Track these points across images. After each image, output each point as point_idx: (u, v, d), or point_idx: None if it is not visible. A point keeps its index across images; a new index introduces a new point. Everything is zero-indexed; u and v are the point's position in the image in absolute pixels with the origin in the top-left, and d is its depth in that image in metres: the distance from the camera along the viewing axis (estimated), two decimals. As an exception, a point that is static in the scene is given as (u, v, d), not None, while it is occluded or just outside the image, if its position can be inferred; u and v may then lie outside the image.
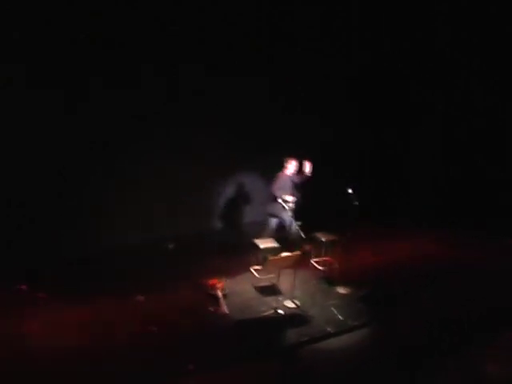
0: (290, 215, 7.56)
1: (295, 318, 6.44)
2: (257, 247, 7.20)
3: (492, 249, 8.71)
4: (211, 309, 6.44)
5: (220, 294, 6.59)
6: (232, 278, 7.19)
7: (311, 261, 7.72)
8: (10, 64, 6.72)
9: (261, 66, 8.97)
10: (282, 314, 6.46)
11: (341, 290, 7.23)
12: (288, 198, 7.49)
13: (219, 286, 6.70)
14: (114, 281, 7.01)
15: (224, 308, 6.41)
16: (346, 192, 7.37)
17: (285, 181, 7.61)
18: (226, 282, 6.85)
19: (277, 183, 7.56)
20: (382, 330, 6.42)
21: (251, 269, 7.36)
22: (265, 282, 7.09)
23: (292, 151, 7.78)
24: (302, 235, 7.11)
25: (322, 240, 7.56)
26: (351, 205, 7.27)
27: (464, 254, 8.46)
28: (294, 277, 6.65)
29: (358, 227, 7.74)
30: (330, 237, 7.61)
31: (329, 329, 6.22)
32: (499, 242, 8.92)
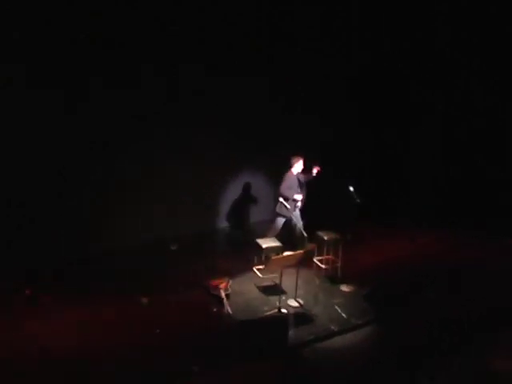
0: (299, 214, 7.60)
1: (299, 317, 6.44)
2: (259, 247, 7.20)
3: (492, 249, 8.70)
4: (214, 309, 6.44)
5: (223, 294, 6.59)
6: (235, 278, 7.18)
7: (314, 259, 7.72)
8: (9, 64, 6.72)
9: (261, 66, 8.96)
10: (285, 314, 6.46)
11: (344, 288, 7.24)
12: (298, 198, 7.51)
13: (222, 286, 6.69)
14: (114, 281, 7.01)
15: (227, 308, 6.41)
16: (347, 190, 7.37)
17: (293, 180, 7.60)
18: (228, 282, 6.84)
19: (286, 183, 7.54)
20: (385, 329, 6.43)
21: (254, 268, 7.36)
22: (267, 282, 7.09)
23: (294, 150, 7.77)
24: (305, 234, 7.13)
25: (324, 238, 7.56)
26: (353, 203, 7.27)
27: (464, 253, 8.46)
28: (297, 276, 6.65)
29: (358, 226, 7.76)
30: (332, 235, 7.61)
31: (332, 327, 6.23)
32: (499, 241, 8.91)
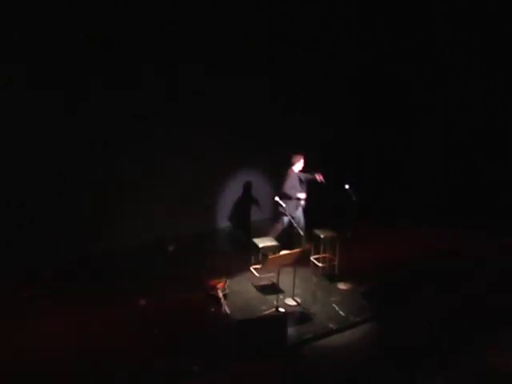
0: (302, 213, 7.60)
1: (297, 316, 6.45)
2: (256, 246, 7.20)
3: (492, 249, 8.70)
4: (212, 309, 6.45)
5: (220, 294, 6.59)
6: (232, 278, 7.18)
7: (311, 258, 7.73)
8: (9, 64, 6.72)
9: (261, 66, 8.97)
10: (283, 313, 6.45)
11: (341, 286, 7.24)
12: (301, 196, 7.52)
13: (220, 286, 6.70)
14: (114, 281, 7.02)
15: (225, 308, 6.41)
16: (343, 188, 7.37)
17: (295, 179, 7.60)
18: (226, 282, 6.84)
19: (288, 182, 7.53)
20: (383, 327, 6.44)
21: (251, 268, 7.36)
22: (265, 281, 7.09)
23: (295, 150, 7.77)
24: (301, 233, 7.14)
25: (321, 237, 7.57)
26: (349, 201, 7.27)
27: (464, 253, 8.45)
28: (294, 275, 6.65)
29: (358, 226, 7.76)
30: (329, 233, 7.62)
31: (331, 325, 6.23)
32: (499, 241, 8.91)
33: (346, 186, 7.37)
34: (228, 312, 6.36)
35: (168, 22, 7.85)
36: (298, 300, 6.75)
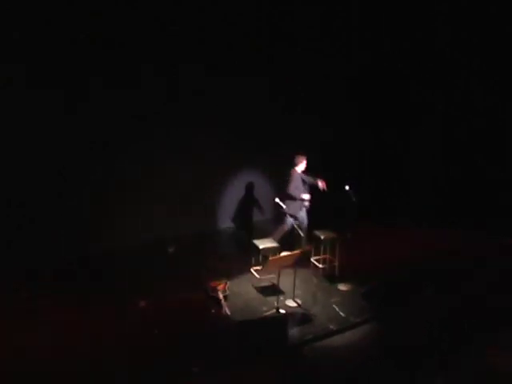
0: (305, 214, 7.60)
1: (297, 317, 6.45)
2: (256, 248, 7.20)
3: (492, 249, 8.70)
4: (213, 311, 6.44)
5: (221, 295, 6.59)
6: (233, 279, 7.18)
7: (311, 259, 7.73)
8: (10, 64, 6.72)
9: (261, 66, 8.97)
10: (283, 314, 6.45)
11: (341, 287, 7.24)
12: (305, 197, 7.52)
13: (220, 287, 6.69)
14: (114, 281, 7.02)
15: (225, 309, 6.41)
16: (343, 189, 7.37)
17: (298, 179, 7.60)
18: (227, 283, 6.83)
19: (292, 183, 7.53)
20: (383, 327, 6.43)
21: (251, 269, 7.36)
22: (265, 282, 7.09)
23: (295, 150, 7.77)
24: (302, 234, 7.13)
25: (321, 238, 7.56)
26: (350, 202, 7.27)
27: (464, 253, 8.45)
28: (295, 276, 6.65)
29: (358, 226, 7.76)
30: (330, 234, 7.62)
31: (331, 326, 6.22)
32: (499, 241, 8.91)
33: (346, 187, 7.37)
34: (228, 313, 6.36)
35: (168, 22, 7.85)
36: (299, 301, 6.74)
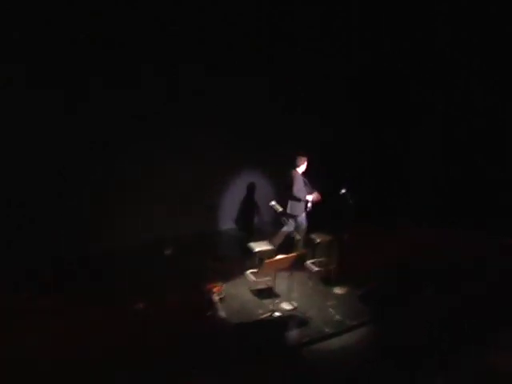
0: (305, 216, 7.60)
1: (293, 320, 6.41)
2: (252, 250, 7.16)
3: (492, 249, 8.70)
4: (208, 313, 6.41)
5: (216, 298, 6.54)
6: (230, 281, 7.16)
7: (307, 262, 7.66)
8: (10, 64, 6.72)
9: (261, 66, 8.96)
10: (279, 316, 6.43)
11: (338, 290, 7.20)
12: (309, 198, 7.52)
13: (215, 290, 6.63)
14: (114, 281, 7.01)
15: (221, 312, 6.38)
16: (339, 193, 7.37)
17: (302, 181, 7.61)
18: (223, 286, 6.80)
19: (297, 184, 7.54)
20: (380, 330, 6.41)
21: (248, 272, 7.32)
22: (262, 285, 7.05)
23: (295, 150, 7.77)
24: (299, 236, 7.13)
25: (318, 241, 7.55)
26: (346, 205, 7.26)
27: (464, 253, 8.45)
28: (291, 278, 6.63)
29: (357, 227, 7.73)
30: (326, 237, 7.60)
31: (327, 329, 6.19)
32: (499, 241, 8.91)
33: (343, 191, 7.37)
34: (224, 316, 6.32)
35: (168, 22, 7.85)
36: (295, 304, 6.70)
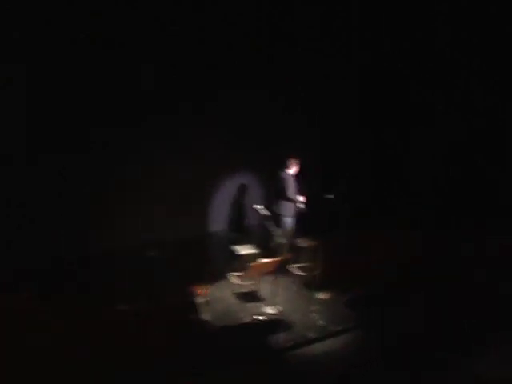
0: (295, 219, 7.60)
1: (276, 324, 6.35)
2: (236, 253, 7.15)
3: (492, 249, 8.70)
4: (192, 316, 6.33)
5: (201, 301, 6.46)
6: (215, 284, 7.11)
7: (292, 266, 7.58)
8: (10, 64, 6.72)
9: (261, 66, 8.97)
10: (263, 321, 6.38)
11: (322, 295, 7.09)
12: (300, 199, 7.52)
13: (200, 293, 6.53)
14: (114, 281, 7.00)
15: (204, 315, 6.32)
16: (325, 198, 7.37)
17: (291, 182, 7.61)
18: (207, 288, 6.70)
19: (287, 185, 7.55)
20: (364, 335, 6.31)
21: (232, 275, 7.24)
22: (246, 289, 7.01)
23: (293, 151, 7.77)
24: (284, 241, 7.11)
25: (303, 246, 7.54)
26: (332, 210, 7.26)
27: (464, 253, 8.45)
28: (275, 283, 6.60)
29: (342, 233, 7.69)
30: (311, 242, 7.58)
31: (310, 334, 6.12)
32: (499, 241, 8.91)
33: (329, 196, 7.36)
34: (207, 319, 6.26)
35: (168, 22, 7.85)
36: (279, 308, 6.62)
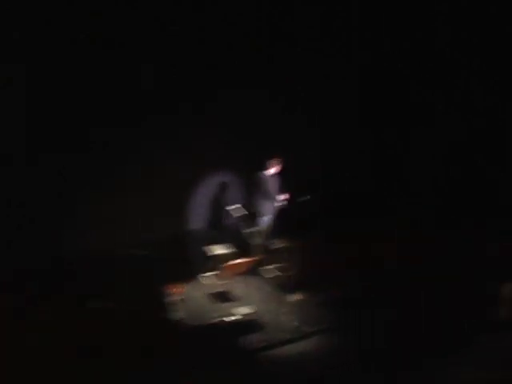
0: (272, 218, 7.62)
1: (249, 325, 6.33)
2: (209, 253, 7.13)
3: (492, 249, 8.69)
4: (165, 315, 6.31)
5: (176, 300, 6.43)
6: (189, 283, 7.07)
7: (266, 267, 7.56)
8: (10, 64, 6.72)
9: (261, 66, 8.96)
10: (236, 321, 6.38)
11: (295, 296, 7.04)
12: (281, 197, 7.54)
13: (175, 291, 6.50)
14: (113, 281, 7.00)
15: (178, 314, 6.30)
16: (300, 200, 7.40)
17: (272, 181, 7.68)
18: (183, 287, 6.66)
19: (269, 183, 7.61)
20: (338, 336, 6.26)
21: (206, 274, 7.22)
22: (219, 288, 7.00)
23: (277, 151, 7.84)
24: (260, 241, 7.12)
25: (277, 246, 7.55)
26: (308, 211, 7.27)
27: (463, 253, 8.45)
28: (249, 283, 6.63)
29: (319, 234, 7.69)
30: (286, 243, 7.60)
31: (283, 335, 6.09)
32: (499, 242, 8.90)
33: (305, 198, 7.36)
34: (182, 318, 6.25)
35: (168, 22, 7.85)
36: (252, 309, 6.60)
